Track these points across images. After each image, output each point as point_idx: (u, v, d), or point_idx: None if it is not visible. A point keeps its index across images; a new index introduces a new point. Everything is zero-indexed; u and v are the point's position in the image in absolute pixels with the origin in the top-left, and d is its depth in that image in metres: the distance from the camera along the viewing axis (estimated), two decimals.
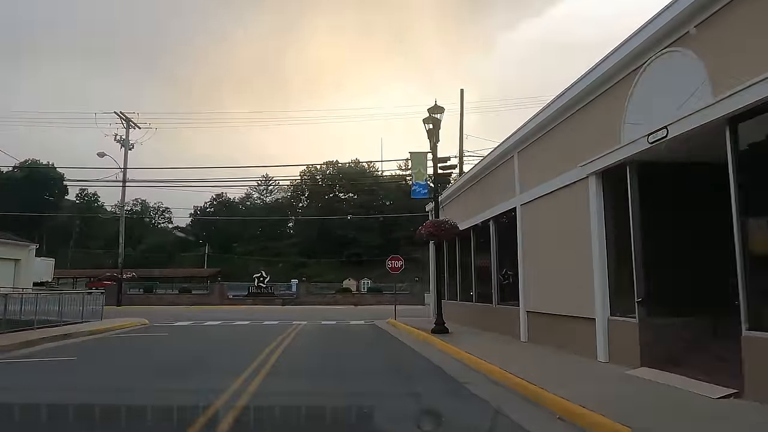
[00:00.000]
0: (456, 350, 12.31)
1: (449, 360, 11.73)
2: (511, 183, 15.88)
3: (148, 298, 38.00)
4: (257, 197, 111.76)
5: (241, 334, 18.90)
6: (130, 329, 19.89)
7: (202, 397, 7.11)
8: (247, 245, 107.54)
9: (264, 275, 39.35)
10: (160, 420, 6.28)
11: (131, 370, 10.91)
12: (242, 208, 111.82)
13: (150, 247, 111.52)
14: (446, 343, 13.69)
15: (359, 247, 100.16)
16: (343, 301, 38.42)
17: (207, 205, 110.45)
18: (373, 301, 38.38)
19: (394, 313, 23.62)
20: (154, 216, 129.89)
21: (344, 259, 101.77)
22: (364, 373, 10.41)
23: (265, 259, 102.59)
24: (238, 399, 7.13)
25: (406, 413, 6.54)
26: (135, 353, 14.13)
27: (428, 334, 16.27)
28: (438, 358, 12.11)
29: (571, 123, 11.97)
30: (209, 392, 7.38)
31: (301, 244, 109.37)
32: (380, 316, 27.28)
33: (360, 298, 38.75)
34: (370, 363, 11.99)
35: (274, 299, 38.59)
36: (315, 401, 7.34)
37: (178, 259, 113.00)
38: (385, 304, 38.09)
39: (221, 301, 37.90)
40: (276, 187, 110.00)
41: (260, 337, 16.72)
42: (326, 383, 9.09)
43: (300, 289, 38.98)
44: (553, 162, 12.79)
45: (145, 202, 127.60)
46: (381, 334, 18.98)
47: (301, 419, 6.41)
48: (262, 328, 21.03)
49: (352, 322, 24.01)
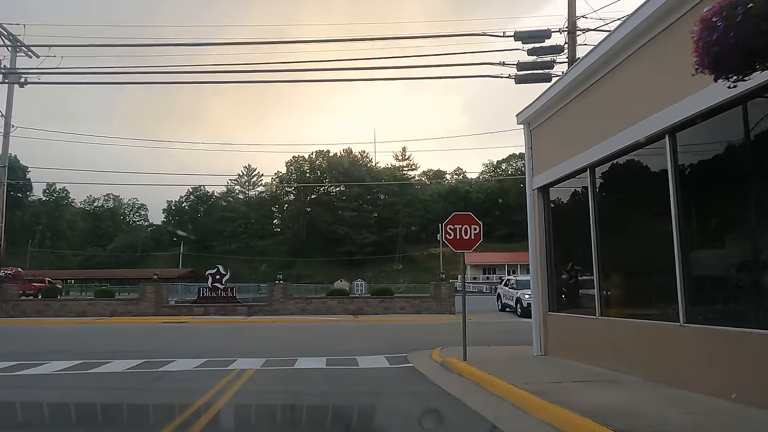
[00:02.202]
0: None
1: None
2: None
3: (48, 306, 24.81)
4: (239, 191, 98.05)
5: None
6: None
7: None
8: (227, 243, 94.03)
9: (222, 272, 26.30)
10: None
11: None
12: (223, 203, 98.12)
13: (120, 245, 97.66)
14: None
15: (352, 245, 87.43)
16: (336, 308, 25.47)
17: (182, 199, 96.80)
18: (379, 308, 25.56)
19: (435, 336, 10.95)
20: (128, 213, 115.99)
21: (334, 258, 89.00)
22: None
23: (247, 259, 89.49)
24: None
25: None
26: None
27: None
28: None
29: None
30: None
31: (287, 242, 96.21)
32: (404, 338, 14.86)
33: (361, 304, 25.83)
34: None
35: (236, 306, 25.59)
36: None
37: (152, 259, 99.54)
38: (396, 313, 25.27)
39: (157, 309, 24.84)
40: (260, 179, 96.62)
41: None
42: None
43: (274, 293, 25.86)
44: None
45: (118, 198, 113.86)
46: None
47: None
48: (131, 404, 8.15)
49: (362, 359, 11.16)
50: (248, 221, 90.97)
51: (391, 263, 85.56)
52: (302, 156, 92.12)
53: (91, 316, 24.33)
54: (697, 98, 6.06)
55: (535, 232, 10.74)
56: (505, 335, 15.19)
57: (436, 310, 25.74)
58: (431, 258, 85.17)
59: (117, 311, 24.93)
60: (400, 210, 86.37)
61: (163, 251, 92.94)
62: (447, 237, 9.75)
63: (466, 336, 9.81)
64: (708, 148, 6.73)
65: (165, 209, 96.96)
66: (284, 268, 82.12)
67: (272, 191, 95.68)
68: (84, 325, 21.31)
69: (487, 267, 78.99)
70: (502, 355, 10.46)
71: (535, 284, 10.69)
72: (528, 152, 11.01)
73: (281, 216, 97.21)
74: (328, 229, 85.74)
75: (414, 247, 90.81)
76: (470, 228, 9.69)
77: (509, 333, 15.96)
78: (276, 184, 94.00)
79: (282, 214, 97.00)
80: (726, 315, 6.29)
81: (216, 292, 26.01)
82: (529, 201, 10.92)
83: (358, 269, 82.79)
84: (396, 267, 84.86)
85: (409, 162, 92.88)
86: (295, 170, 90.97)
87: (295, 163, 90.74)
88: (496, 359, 9.76)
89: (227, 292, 26.10)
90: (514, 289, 25.76)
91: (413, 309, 25.75)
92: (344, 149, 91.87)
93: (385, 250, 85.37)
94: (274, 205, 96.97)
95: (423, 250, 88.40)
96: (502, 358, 10.09)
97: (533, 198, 10.88)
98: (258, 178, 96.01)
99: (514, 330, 16.93)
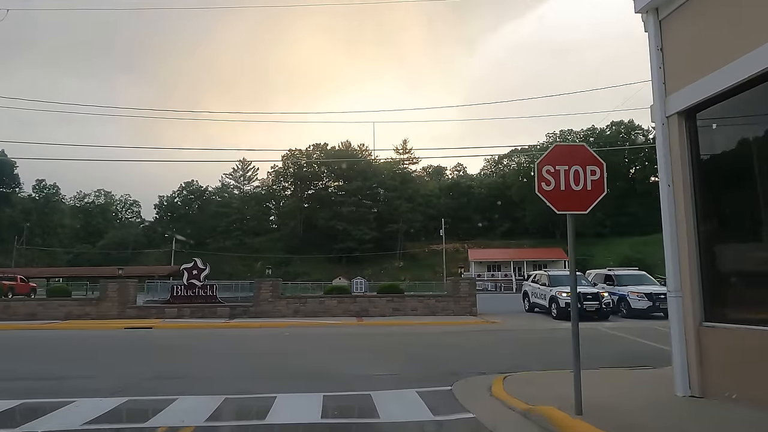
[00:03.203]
0: None
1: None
2: None
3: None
4: (234, 185, 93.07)
5: None
6: None
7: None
8: (221, 240, 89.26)
9: (200, 266, 21.82)
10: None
11: None
12: (217, 198, 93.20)
13: (111, 242, 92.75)
14: None
15: (351, 241, 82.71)
16: (336, 309, 21.07)
17: (175, 194, 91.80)
18: (387, 309, 21.13)
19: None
20: (121, 209, 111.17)
21: (333, 255, 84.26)
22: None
23: (242, 256, 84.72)
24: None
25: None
26: None
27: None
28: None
29: None
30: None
31: (284, 239, 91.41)
32: (432, 353, 10.56)
33: (365, 304, 21.45)
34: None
35: (215, 307, 21.10)
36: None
37: (143, 256, 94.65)
38: (408, 315, 20.85)
39: (120, 311, 20.38)
40: (255, 173, 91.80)
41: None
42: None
43: (261, 291, 21.38)
44: None
45: (110, 194, 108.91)
46: None
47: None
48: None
49: (382, 397, 6.67)
50: (243, 217, 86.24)
51: (391, 260, 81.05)
52: (299, 149, 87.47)
53: (41, 320, 19.82)
54: None
55: (673, 187, 6.30)
56: (563, 347, 10.79)
57: (454, 311, 21.31)
58: (433, 255, 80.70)
59: (73, 313, 20.41)
60: (400, 205, 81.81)
61: (155, 248, 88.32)
62: (543, 188, 5.30)
63: (579, 367, 5.32)
64: None
65: (156, 204, 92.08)
66: (281, 266, 77.62)
67: (268, 185, 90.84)
68: (20, 332, 16.80)
69: (492, 264, 74.62)
70: (629, 396, 6.03)
71: (674, 273, 6.24)
72: (656, 56, 6.55)
73: (277, 212, 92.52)
74: (326, 224, 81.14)
75: (415, 243, 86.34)
76: (584, 171, 5.24)
77: (564, 344, 11.54)
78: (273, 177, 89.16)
79: (278, 210, 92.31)
80: None
81: (192, 291, 21.50)
82: (660, 135, 6.47)
83: (357, 267, 78.27)
84: (397, 264, 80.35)
85: (410, 155, 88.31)
86: (292, 164, 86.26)
87: (292, 157, 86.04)
88: (628, 409, 5.34)
89: (206, 290, 21.59)
90: (547, 286, 21.39)
91: (427, 310, 21.33)
92: (342, 142, 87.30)
93: (385, 247, 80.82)
94: (270, 201, 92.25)
95: (424, 247, 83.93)
96: (635, 404, 5.65)
97: (666, 130, 6.44)
98: (253, 172, 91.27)
99: (564, 340, 12.49)
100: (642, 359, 9.19)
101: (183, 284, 21.65)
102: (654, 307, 19.93)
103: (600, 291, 20.24)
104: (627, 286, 21.20)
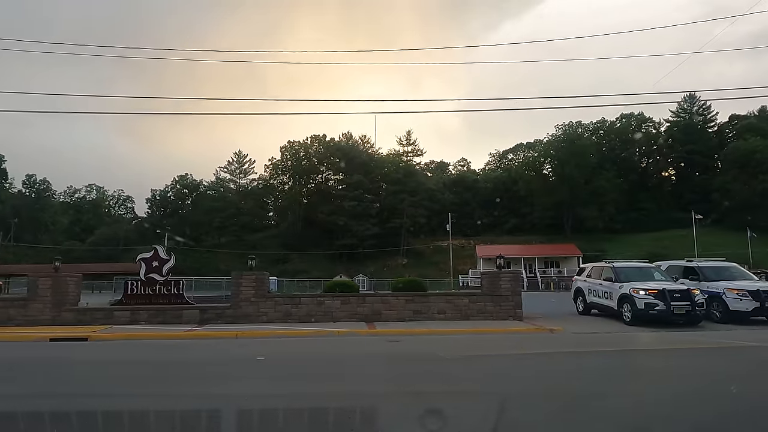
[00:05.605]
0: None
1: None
2: None
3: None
4: (229, 179, 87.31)
5: None
6: None
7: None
8: (216, 236, 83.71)
9: (163, 256, 16.43)
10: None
11: None
12: (213, 194, 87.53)
13: (101, 238, 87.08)
14: None
15: (352, 237, 77.15)
16: (340, 312, 15.75)
17: (167, 188, 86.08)
18: (406, 311, 15.74)
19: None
20: (113, 205, 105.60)
21: (333, 251, 78.78)
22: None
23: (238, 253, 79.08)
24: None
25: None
26: None
27: None
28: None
29: None
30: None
31: (282, 235, 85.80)
32: (521, 402, 4.71)
33: (376, 305, 16.05)
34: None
35: (182, 310, 15.70)
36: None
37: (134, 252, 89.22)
38: (434, 319, 15.46)
39: (55, 314, 15.12)
40: (251, 166, 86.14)
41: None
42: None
43: (242, 288, 15.86)
44: None
45: (102, 189, 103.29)
46: None
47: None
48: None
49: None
50: (239, 212, 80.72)
51: (394, 257, 75.60)
52: (297, 141, 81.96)
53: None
54: None
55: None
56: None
57: (493, 314, 15.94)
58: (437, 251, 75.32)
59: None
60: (404, 199, 76.32)
61: (147, 245, 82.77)
62: None
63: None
64: None
65: (149, 198, 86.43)
66: (279, 263, 72.15)
67: (266, 178, 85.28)
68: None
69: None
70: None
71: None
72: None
73: (275, 207, 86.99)
74: (326, 219, 75.68)
75: (419, 239, 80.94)
76: None
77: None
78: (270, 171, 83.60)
79: (276, 204, 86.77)
80: None
81: (152, 288, 16.08)
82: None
83: (358, 264, 72.88)
84: (400, 261, 74.91)
85: (415, 147, 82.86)
86: (290, 156, 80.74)
87: (291, 149, 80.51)
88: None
89: (169, 287, 16.15)
90: (613, 282, 16.02)
91: (458, 313, 15.94)
92: (344, 133, 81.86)
93: (388, 243, 75.34)
94: (267, 196, 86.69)
95: (429, 243, 78.55)
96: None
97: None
98: (250, 165, 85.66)
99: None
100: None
101: (140, 279, 16.22)
102: (761, 309, 14.73)
103: (691, 288, 14.93)
104: (718, 281, 15.91)
